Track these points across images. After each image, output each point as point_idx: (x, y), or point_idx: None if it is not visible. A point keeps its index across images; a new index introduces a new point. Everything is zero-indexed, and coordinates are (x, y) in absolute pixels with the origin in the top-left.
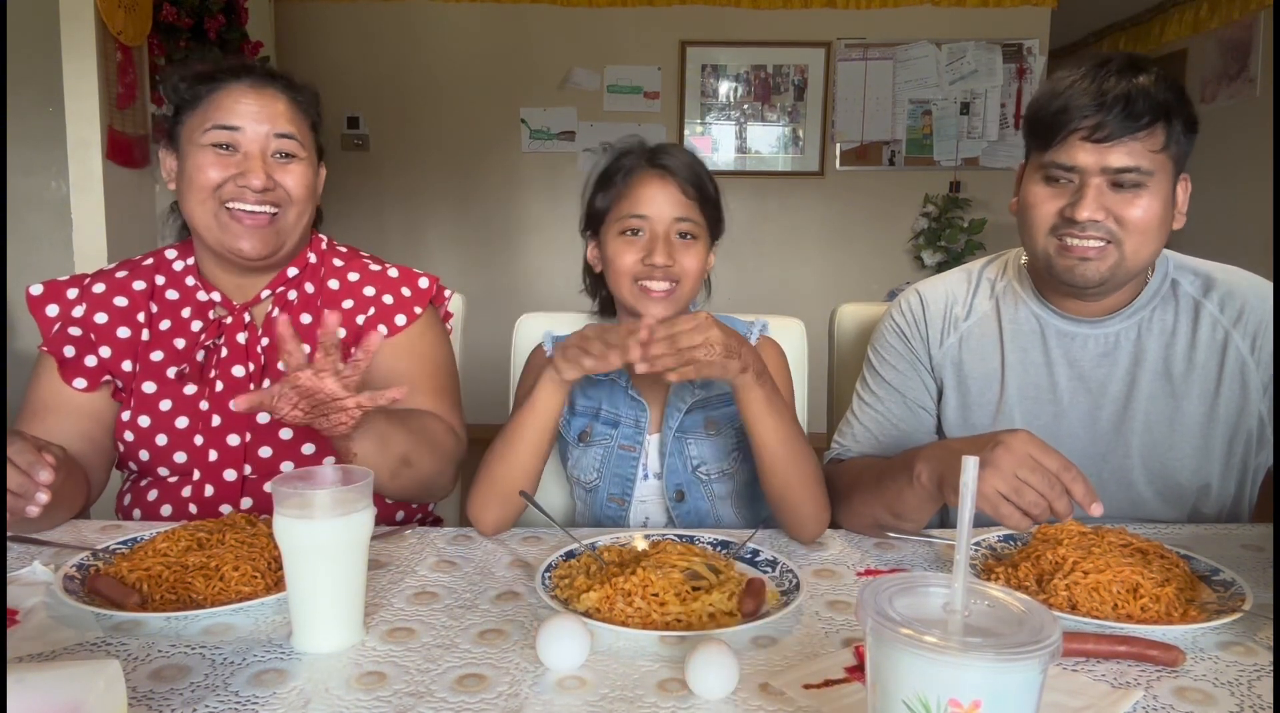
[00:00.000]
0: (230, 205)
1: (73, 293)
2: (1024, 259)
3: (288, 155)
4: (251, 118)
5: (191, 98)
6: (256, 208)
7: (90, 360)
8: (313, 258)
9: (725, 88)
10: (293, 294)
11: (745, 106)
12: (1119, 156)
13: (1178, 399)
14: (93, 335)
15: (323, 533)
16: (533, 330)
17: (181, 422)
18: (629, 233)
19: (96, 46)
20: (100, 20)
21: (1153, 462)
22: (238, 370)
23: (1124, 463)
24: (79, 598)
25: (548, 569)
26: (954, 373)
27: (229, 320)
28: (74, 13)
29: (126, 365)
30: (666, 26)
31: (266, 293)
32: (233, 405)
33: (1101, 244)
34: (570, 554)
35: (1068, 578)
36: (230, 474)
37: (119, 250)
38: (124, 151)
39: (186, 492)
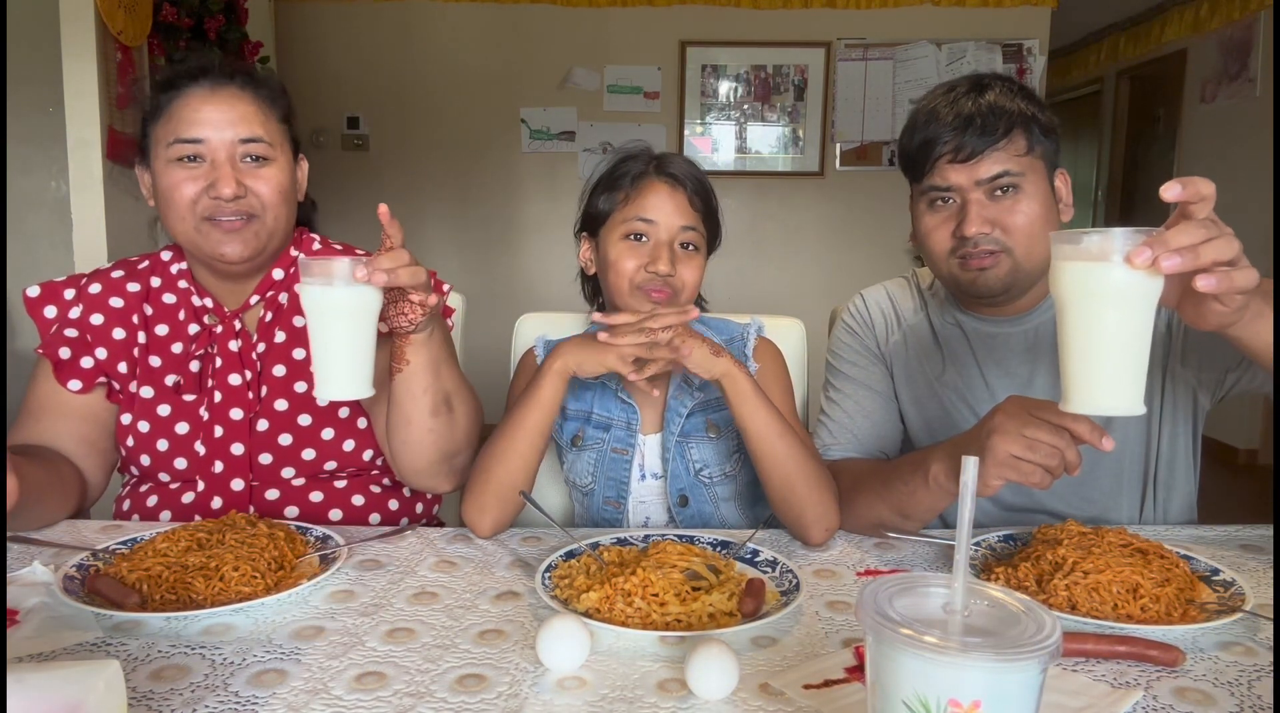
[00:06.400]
0: (209, 216)
1: (69, 293)
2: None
3: (258, 158)
4: (213, 126)
5: (154, 108)
6: (231, 217)
7: (86, 361)
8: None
9: (725, 88)
10: (283, 297)
11: (745, 106)
12: (986, 167)
13: None
14: (88, 336)
15: (341, 296)
16: (532, 331)
17: (181, 427)
18: (633, 237)
19: (96, 46)
20: (100, 20)
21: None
22: (234, 379)
23: None
24: (79, 598)
25: (548, 569)
26: (902, 368)
27: (219, 329)
28: (74, 13)
29: (122, 367)
30: (666, 26)
31: (256, 299)
32: None
33: (995, 253)
34: (570, 554)
35: (1067, 578)
36: (238, 484)
37: (119, 250)
38: (124, 151)
39: (188, 498)
